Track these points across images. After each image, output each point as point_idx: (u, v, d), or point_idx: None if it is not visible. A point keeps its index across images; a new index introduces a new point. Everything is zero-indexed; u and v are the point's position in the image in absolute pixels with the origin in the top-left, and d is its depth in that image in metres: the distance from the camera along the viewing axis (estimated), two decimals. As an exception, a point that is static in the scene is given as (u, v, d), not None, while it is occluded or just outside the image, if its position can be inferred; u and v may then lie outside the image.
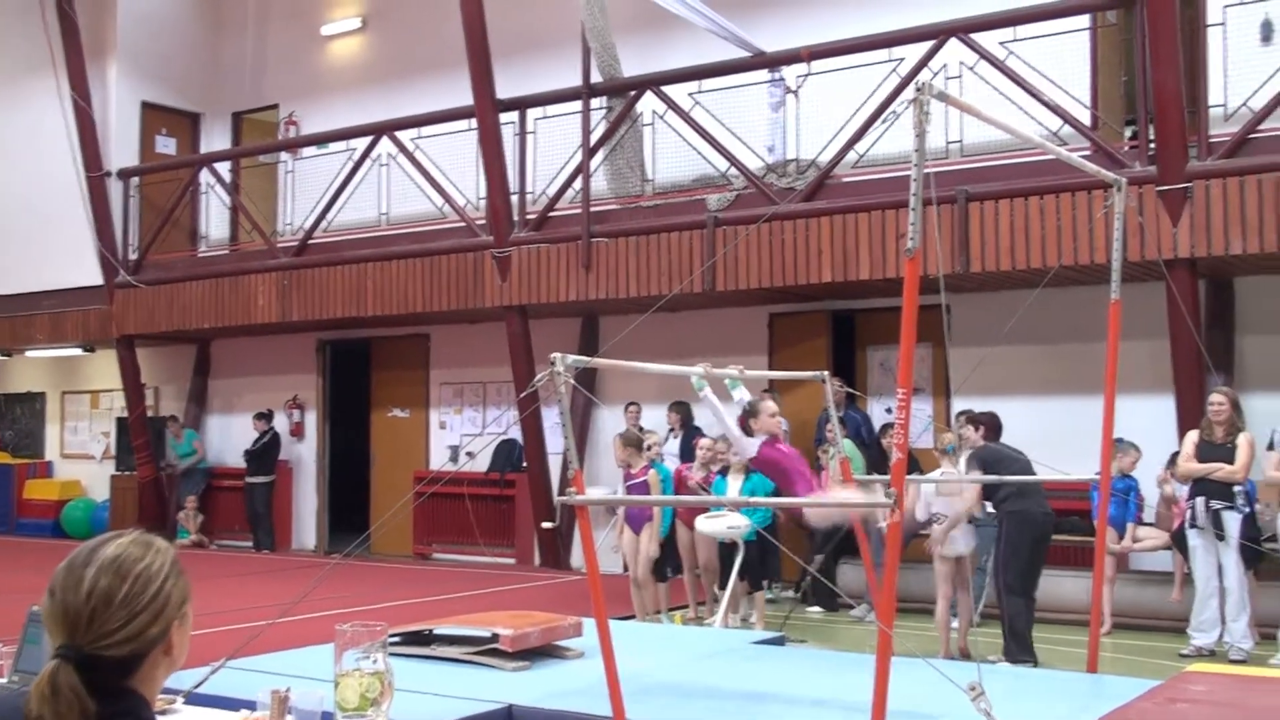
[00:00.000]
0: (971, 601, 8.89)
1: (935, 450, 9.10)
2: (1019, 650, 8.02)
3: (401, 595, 10.75)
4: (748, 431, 6.62)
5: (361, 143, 14.19)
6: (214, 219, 16.24)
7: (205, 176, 15.86)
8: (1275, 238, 9.07)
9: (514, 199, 12.94)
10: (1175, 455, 9.03)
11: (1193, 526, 8.53)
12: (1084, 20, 10.59)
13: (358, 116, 14.63)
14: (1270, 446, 8.34)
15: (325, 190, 14.36)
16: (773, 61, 11.63)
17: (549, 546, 13.14)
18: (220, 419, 17.01)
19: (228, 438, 16.70)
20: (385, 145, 13.98)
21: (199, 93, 17.28)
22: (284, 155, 15.85)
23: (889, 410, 11.21)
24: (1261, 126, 9.32)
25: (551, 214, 12.73)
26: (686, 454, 11.17)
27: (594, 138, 12.41)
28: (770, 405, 6.79)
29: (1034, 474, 8.15)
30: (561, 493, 5.70)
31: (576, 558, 12.76)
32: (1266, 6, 9.68)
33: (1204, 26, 9.72)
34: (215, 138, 17.39)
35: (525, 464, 13.33)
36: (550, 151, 12.90)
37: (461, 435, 14.84)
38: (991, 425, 8.78)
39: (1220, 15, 9.70)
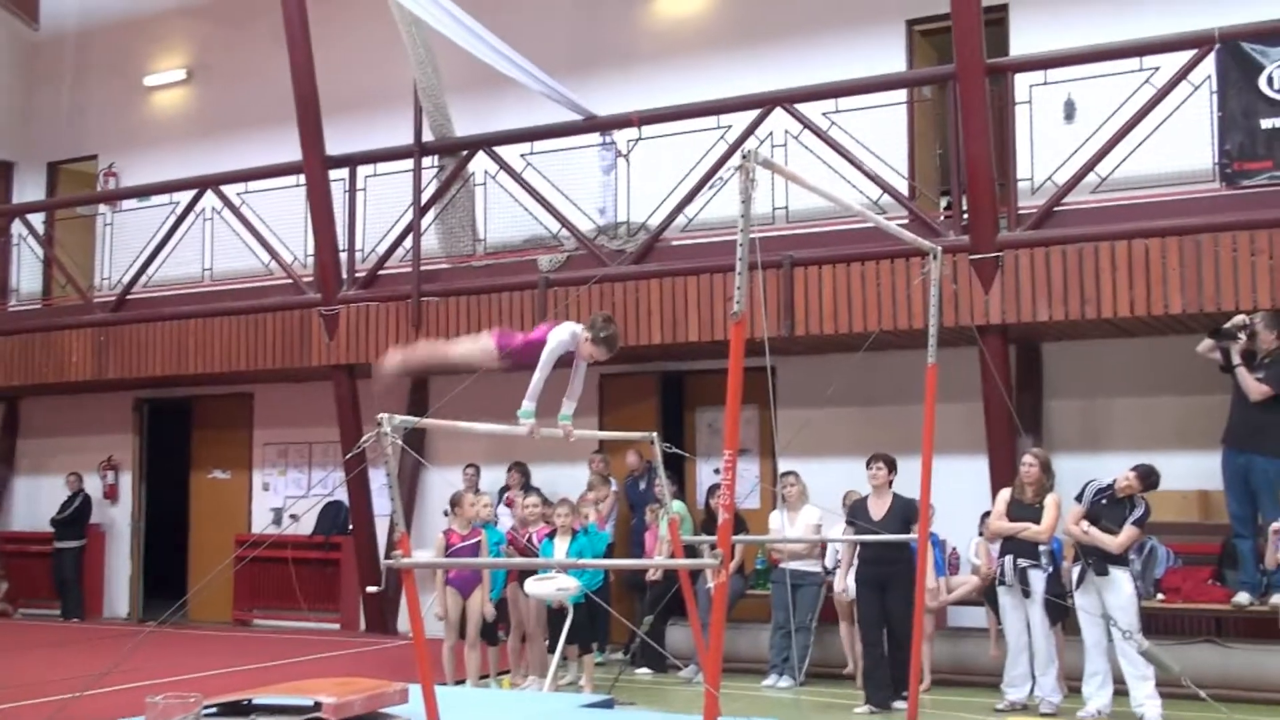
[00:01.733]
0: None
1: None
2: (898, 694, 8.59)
3: (220, 664, 10.38)
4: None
5: (185, 196, 13.85)
6: (25, 272, 15.61)
7: (17, 227, 15.26)
8: (1079, 305, 9.53)
9: (343, 256, 12.78)
10: (987, 514, 9.35)
11: (1001, 584, 8.84)
12: (901, 95, 11.02)
13: (182, 169, 14.28)
14: (1078, 499, 8.70)
15: (146, 244, 13.96)
16: (604, 125, 11.79)
17: (375, 611, 12.88)
18: (29, 480, 16.25)
19: (37, 500, 15.95)
20: (210, 199, 13.67)
21: (12, 141, 16.67)
22: (102, 207, 15.36)
23: (717, 471, 11.35)
24: (1065, 200, 9.81)
25: (381, 272, 12.61)
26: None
27: (425, 196, 12.37)
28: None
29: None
30: (388, 556, 5.62)
31: (404, 622, 12.52)
32: (1069, 86, 10.23)
33: (1012, 104, 10.22)
34: (29, 188, 16.76)
35: (351, 527, 13.08)
36: (381, 209, 12.79)
37: (285, 497, 14.48)
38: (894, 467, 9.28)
39: (1027, 94, 10.21)
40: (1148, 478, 8.52)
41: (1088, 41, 10.00)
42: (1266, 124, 9.17)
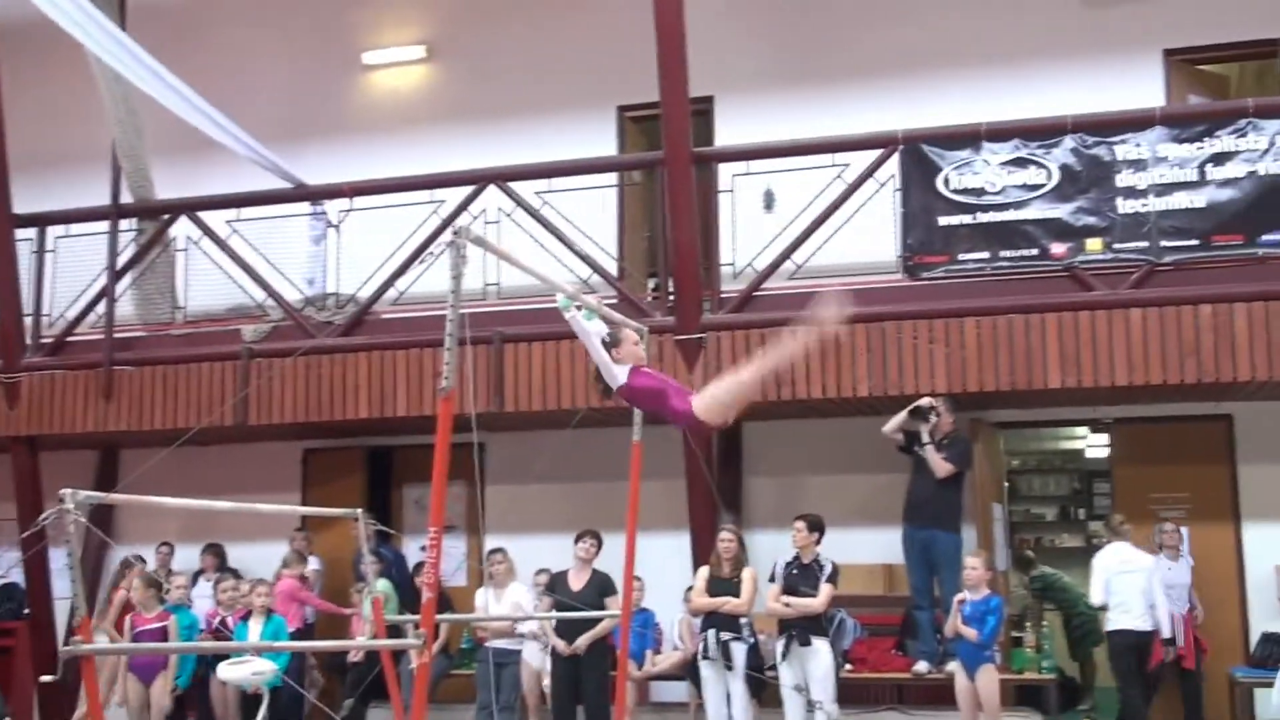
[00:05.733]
0: None
1: None
2: None
3: None
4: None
5: None
6: None
7: None
8: (775, 387, 9.91)
9: (28, 321, 12.02)
10: (690, 589, 9.57)
11: (705, 658, 9.05)
12: (613, 178, 11.33)
13: None
14: (771, 579, 9.03)
15: None
16: (314, 194, 11.58)
17: (51, 704, 11.98)
18: None
19: None
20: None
21: None
22: None
23: (423, 548, 11.20)
24: (765, 285, 10.25)
25: (70, 338, 11.91)
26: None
27: (122, 260, 11.81)
28: (631, 334, 6.12)
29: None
30: (67, 642, 5.28)
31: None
32: (769, 177, 10.73)
33: (716, 192, 10.65)
34: None
35: (27, 611, 12.18)
36: (72, 272, 12.12)
37: (-48, 579, 13.35)
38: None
39: (730, 183, 10.67)
40: (810, 520, 9.01)
41: (787, 136, 10.52)
42: (944, 221, 9.86)
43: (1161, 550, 9.95)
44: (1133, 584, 9.42)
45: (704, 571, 9.26)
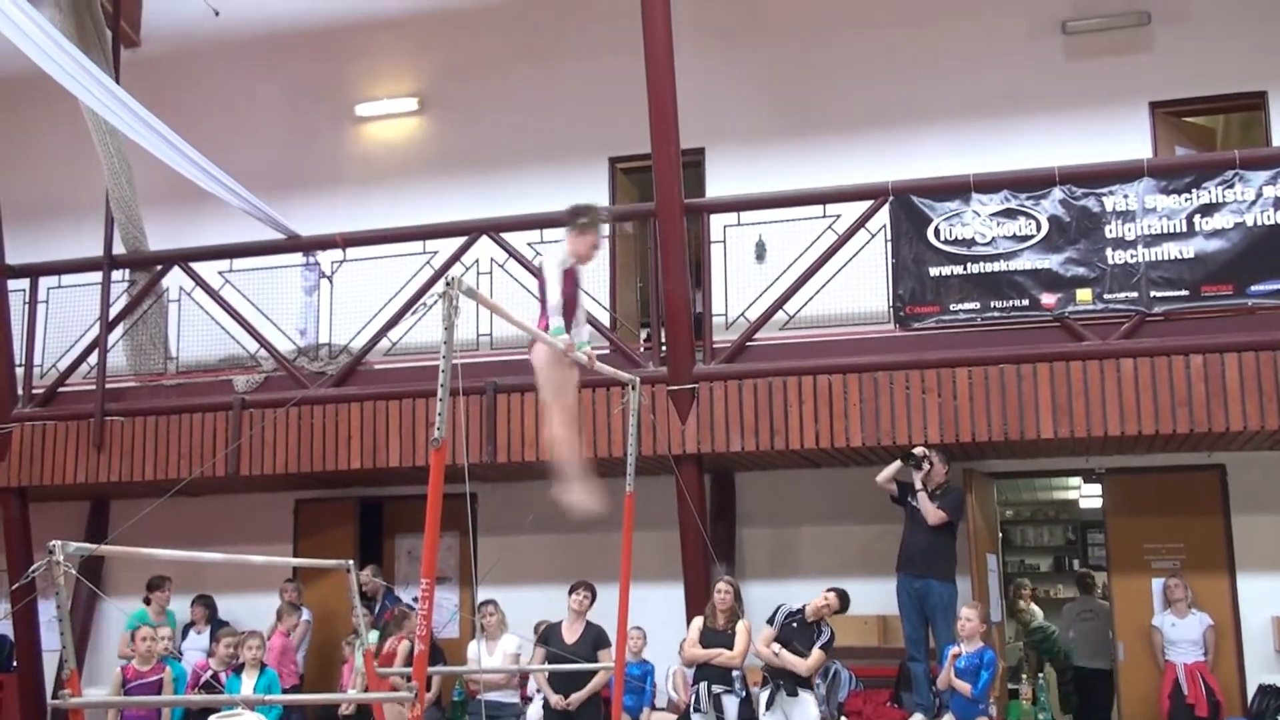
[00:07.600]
0: None
1: None
2: None
3: None
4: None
5: None
6: None
7: None
8: (769, 436, 9.94)
9: (20, 371, 12.00)
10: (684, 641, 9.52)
11: (696, 710, 8.99)
12: (605, 229, 11.34)
13: None
14: (770, 621, 9.01)
15: None
16: (307, 245, 11.60)
17: (38, 755, 11.86)
18: None
19: None
20: None
21: None
22: None
23: (415, 600, 11.13)
24: (757, 335, 10.27)
25: (62, 389, 11.89)
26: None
27: (114, 311, 11.81)
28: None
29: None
30: (55, 695, 5.22)
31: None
32: (761, 228, 10.79)
33: (708, 243, 10.69)
34: None
35: (15, 664, 12.07)
36: (65, 323, 12.11)
37: (-60, 631, 13.23)
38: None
39: (721, 233, 10.71)
40: (844, 598, 9.02)
41: (778, 187, 10.59)
42: (934, 271, 9.90)
43: (1169, 606, 9.98)
44: (1089, 629, 11.51)
45: (698, 622, 9.21)
